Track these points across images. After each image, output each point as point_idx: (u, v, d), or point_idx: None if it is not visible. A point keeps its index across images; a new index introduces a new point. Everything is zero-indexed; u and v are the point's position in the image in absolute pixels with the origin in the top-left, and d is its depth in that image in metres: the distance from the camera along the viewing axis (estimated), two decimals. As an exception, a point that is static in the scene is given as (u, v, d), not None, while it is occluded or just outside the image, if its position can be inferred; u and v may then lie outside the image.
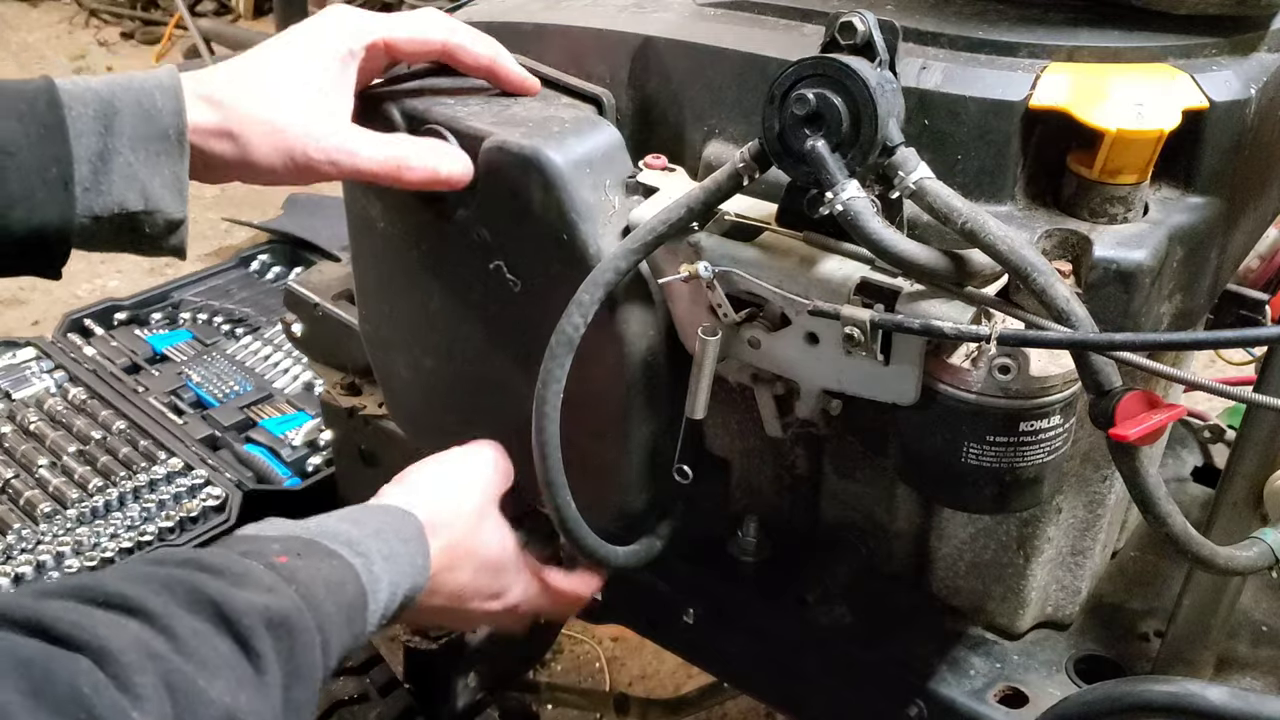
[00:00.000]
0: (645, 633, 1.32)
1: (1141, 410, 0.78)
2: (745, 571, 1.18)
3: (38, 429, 1.71)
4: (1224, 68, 0.90)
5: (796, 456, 1.14)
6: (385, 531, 0.85)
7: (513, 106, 0.99)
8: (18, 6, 4.80)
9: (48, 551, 1.50)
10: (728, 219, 0.93)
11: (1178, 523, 0.83)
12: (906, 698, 1.07)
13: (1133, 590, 1.18)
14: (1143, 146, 0.85)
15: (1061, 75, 0.87)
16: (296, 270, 2.47)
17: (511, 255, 0.97)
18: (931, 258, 0.81)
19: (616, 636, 2.07)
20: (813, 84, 0.80)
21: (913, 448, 0.92)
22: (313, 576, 0.76)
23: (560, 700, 1.71)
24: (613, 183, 0.94)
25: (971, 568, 1.09)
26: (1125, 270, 0.86)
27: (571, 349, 0.91)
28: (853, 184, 0.80)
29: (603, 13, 1.09)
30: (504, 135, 0.92)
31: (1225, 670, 1.08)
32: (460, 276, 1.03)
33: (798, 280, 0.87)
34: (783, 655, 1.16)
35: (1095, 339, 0.76)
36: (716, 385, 0.94)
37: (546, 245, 0.93)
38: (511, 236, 0.97)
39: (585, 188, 0.91)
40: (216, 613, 0.67)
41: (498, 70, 0.99)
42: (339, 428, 1.46)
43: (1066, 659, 1.09)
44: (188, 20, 3.93)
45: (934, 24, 0.94)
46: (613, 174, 0.94)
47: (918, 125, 0.90)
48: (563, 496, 0.95)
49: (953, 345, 0.85)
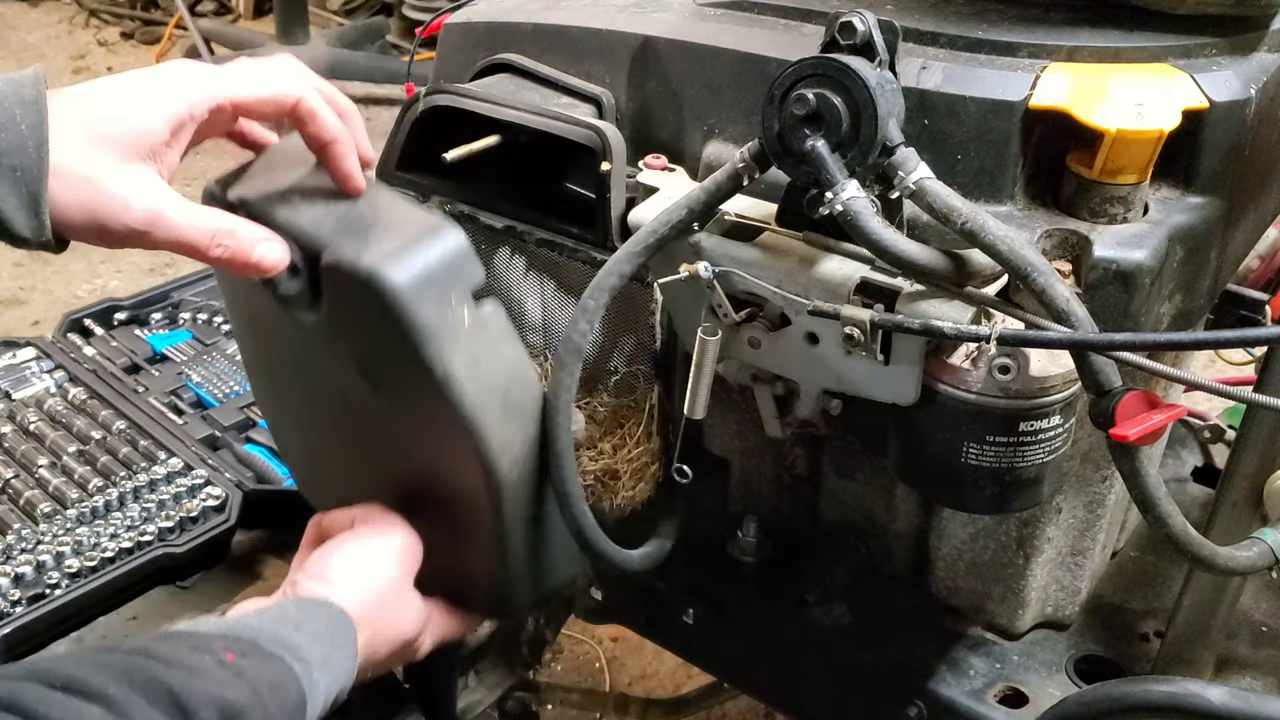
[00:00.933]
0: (645, 633, 1.32)
1: (1141, 410, 0.78)
2: (745, 571, 1.18)
3: (38, 429, 1.71)
4: (1224, 68, 0.90)
5: (796, 456, 1.14)
6: (321, 636, 0.85)
7: (360, 203, 0.88)
8: (18, 6, 4.80)
9: (48, 551, 1.49)
10: (728, 219, 0.93)
11: (1178, 523, 0.83)
12: (906, 698, 1.07)
13: (1133, 590, 1.18)
14: (1143, 146, 0.85)
15: (1061, 75, 0.87)
16: (296, 270, 2.46)
17: (363, 361, 0.91)
18: (931, 258, 0.81)
19: (616, 636, 2.07)
20: (813, 84, 0.80)
21: (912, 448, 0.92)
22: (258, 676, 0.76)
23: (560, 700, 1.71)
24: (460, 295, 0.85)
25: (971, 568, 1.09)
26: (1125, 270, 0.86)
27: (580, 356, 0.91)
28: (852, 184, 0.80)
29: (603, 13, 1.09)
30: (340, 250, 0.84)
31: (1225, 670, 1.08)
32: (319, 369, 0.98)
33: (798, 280, 0.87)
34: (783, 655, 1.16)
35: (1095, 339, 0.76)
36: (716, 385, 0.94)
37: (394, 359, 0.87)
38: (360, 345, 0.91)
39: (428, 305, 0.83)
40: (174, 703, 0.68)
41: (331, 155, 0.87)
42: (339, 428, 1.46)
43: (1066, 659, 1.09)
44: (188, 20, 3.92)
45: (934, 24, 0.94)
46: (460, 285, 0.86)
47: (918, 125, 0.90)
48: (579, 506, 0.94)
49: (953, 345, 0.85)
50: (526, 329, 1.18)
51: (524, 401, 0.90)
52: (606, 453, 1.13)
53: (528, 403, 0.90)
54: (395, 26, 4.48)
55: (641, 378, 1.12)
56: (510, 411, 0.89)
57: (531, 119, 1.04)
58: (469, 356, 0.85)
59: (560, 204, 1.10)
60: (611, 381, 1.15)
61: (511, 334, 0.90)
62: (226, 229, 0.83)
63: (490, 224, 1.13)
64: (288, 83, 0.86)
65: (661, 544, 1.07)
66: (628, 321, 1.10)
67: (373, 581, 0.93)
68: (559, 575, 1.00)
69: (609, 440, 1.13)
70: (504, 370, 0.88)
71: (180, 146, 0.83)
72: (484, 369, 0.86)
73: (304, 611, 0.87)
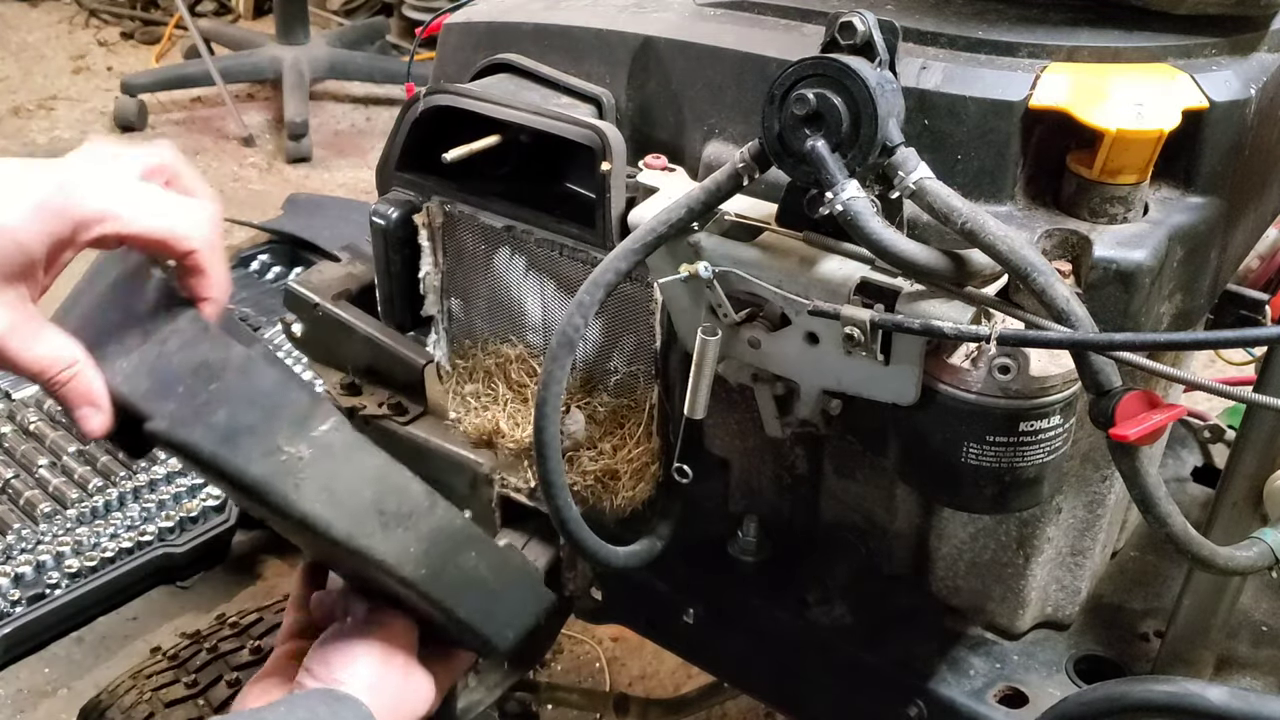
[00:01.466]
0: (645, 633, 1.32)
1: (1141, 410, 0.78)
2: (745, 571, 1.18)
3: (38, 429, 1.71)
4: (1224, 68, 0.90)
5: (796, 456, 1.14)
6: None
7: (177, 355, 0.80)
8: (18, 6, 4.79)
9: (48, 551, 1.50)
10: (728, 219, 0.93)
11: (1178, 523, 0.83)
12: (906, 698, 1.07)
13: (1133, 590, 1.17)
14: (1143, 146, 0.85)
15: (1061, 75, 0.87)
16: (296, 270, 2.46)
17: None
18: (931, 258, 0.81)
19: (616, 636, 2.07)
20: (813, 84, 0.80)
21: (912, 448, 0.92)
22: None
23: (560, 700, 1.71)
24: (290, 432, 0.80)
25: (971, 568, 1.09)
26: (1125, 270, 0.86)
27: (572, 350, 0.91)
28: (853, 184, 0.80)
29: (603, 13, 1.09)
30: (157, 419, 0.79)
31: (1225, 670, 1.07)
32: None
33: (798, 280, 0.87)
34: (783, 655, 1.16)
35: (1095, 339, 0.76)
36: (716, 385, 0.94)
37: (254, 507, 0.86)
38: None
39: (253, 458, 0.79)
40: None
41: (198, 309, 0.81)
42: (339, 428, 1.46)
43: (1066, 659, 1.09)
44: (188, 20, 3.91)
45: (934, 24, 0.94)
46: (281, 423, 0.80)
47: (918, 125, 0.90)
48: (562, 498, 0.95)
49: (953, 345, 0.85)
50: (527, 329, 1.18)
51: (403, 504, 0.86)
52: (606, 453, 1.13)
53: (408, 503, 0.86)
54: (395, 26, 4.48)
55: (641, 378, 1.12)
56: (390, 520, 0.85)
57: (531, 119, 1.04)
58: (319, 488, 0.81)
59: (560, 204, 1.10)
60: (611, 381, 1.15)
61: (363, 443, 0.85)
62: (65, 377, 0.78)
63: (490, 224, 1.13)
64: (188, 226, 0.78)
65: (652, 543, 1.07)
66: (627, 321, 1.11)
67: (387, 678, 0.91)
68: (528, 613, 0.97)
69: (609, 440, 1.13)
70: (366, 485, 0.84)
71: (57, 271, 0.77)
72: (343, 494, 0.82)
73: (331, 711, 0.86)
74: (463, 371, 1.23)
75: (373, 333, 1.32)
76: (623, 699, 1.67)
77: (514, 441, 1.17)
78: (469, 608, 0.92)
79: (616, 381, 1.14)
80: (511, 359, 1.19)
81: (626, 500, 1.13)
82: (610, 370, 1.14)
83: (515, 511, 1.24)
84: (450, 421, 1.23)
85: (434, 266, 1.20)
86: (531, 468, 1.18)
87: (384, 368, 1.33)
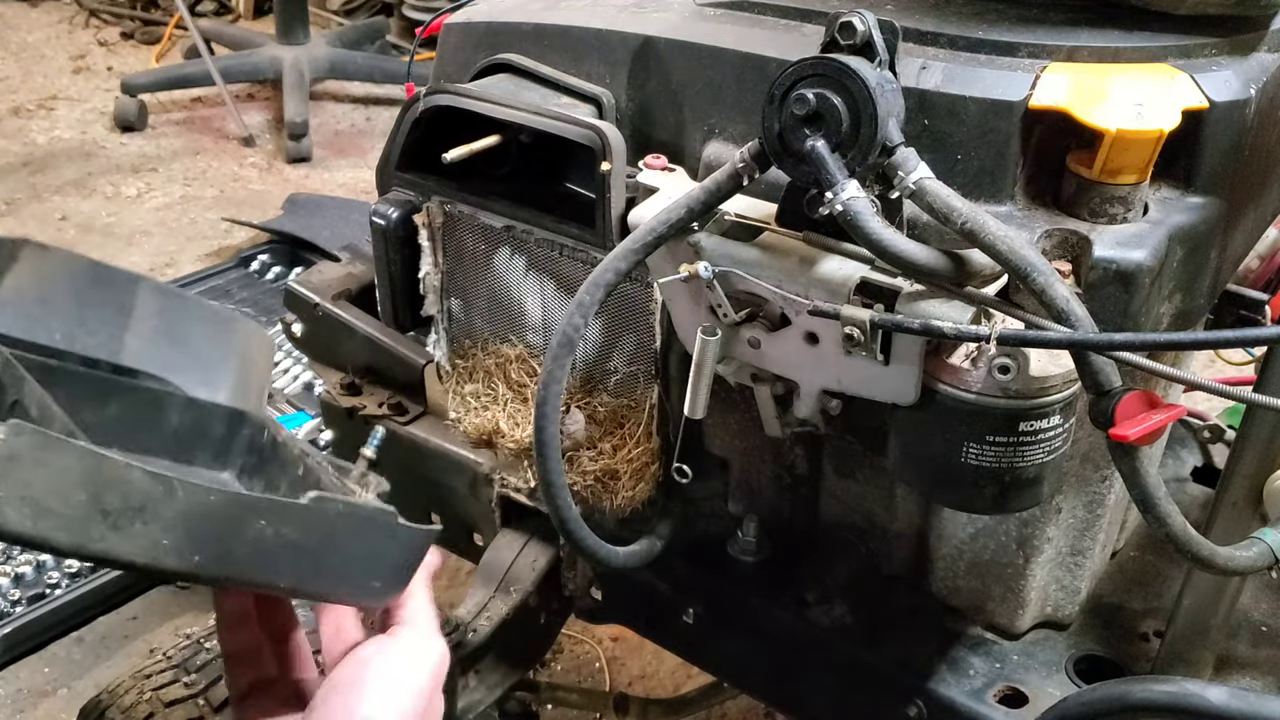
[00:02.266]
0: (645, 633, 1.32)
1: (1141, 410, 0.78)
2: (745, 571, 1.18)
3: (38, 429, 1.71)
4: (1224, 68, 0.90)
5: (796, 456, 1.14)
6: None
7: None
8: (18, 6, 4.80)
9: (48, 551, 1.50)
10: (728, 219, 0.93)
11: (1178, 523, 0.83)
12: (906, 698, 1.07)
13: (1133, 590, 1.17)
14: (1142, 146, 0.85)
15: (1061, 75, 0.87)
16: (296, 270, 2.46)
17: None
18: (931, 258, 0.81)
19: (616, 636, 2.07)
20: (813, 84, 0.80)
21: (912, 448, 0.92)
22: None
23: (560, 700, 1.71)
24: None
25: (971, 568, 1.09)
26: (1125, 270, 0.86)
27: (572, 350, 0.91)
28: (852, 184, 0.80)
29: (603, 13, 1.09)
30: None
31: (1225, 670, 1.07)
32: None
33: (798, 280, 0.87)
34: (782, 655, 1.16)
35: (1095, 339, 0.76)
36: (716, 385, 0.94)
37: None
38: None
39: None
40: None
41: None
42: (339, 428, 1.46)
43: (1066, 659, 1.09)
44: (188, 20, 3.91)
45: (934, 24, 0.94)
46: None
47: (918, 125, 0.90)
48: (562, 497, 0.95)
49: (953, 345, 0.85)
50: (527, 329, 1.18)
51: (129, 498, 0.73)
52: (606, 453, 1.13)
53: (135, 495, 0.74)
54: (395, 26, 4.48)
55: (641, 378, 1.12)
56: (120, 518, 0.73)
57: (531, 119, 1.04)
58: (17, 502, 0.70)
59: (560, 204, 1.10)
60: (611, 381, 1.15)
61: (56, 443, 0.72)
62: None
63: (490, 224, 1.13)
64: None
65: (652, 543, 1.07)
66: (627, 321, 1.11)
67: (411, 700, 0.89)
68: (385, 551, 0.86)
69: (609, 440, 1.14)
70: (75, 487, 0.72)
71: None
72: (49, 502, 0.71)
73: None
74: (463, 371, 1.23)
75: (373, 333, 1.32)
76: (622, 699, 1.66)
77: (514, 441, 1.18)
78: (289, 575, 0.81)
79: (616, 381, 1.14)
80: (511, 359, 1.19)
81: (626, 500, 1.13)
82: (610, 370, 1.14)
83: (515, 511, 1.24)
84: (450, 421, 1.23)
85: (434, 266, 1.20)
86: (531, 468, 1.18)
87: (384, 368, 1.33)
